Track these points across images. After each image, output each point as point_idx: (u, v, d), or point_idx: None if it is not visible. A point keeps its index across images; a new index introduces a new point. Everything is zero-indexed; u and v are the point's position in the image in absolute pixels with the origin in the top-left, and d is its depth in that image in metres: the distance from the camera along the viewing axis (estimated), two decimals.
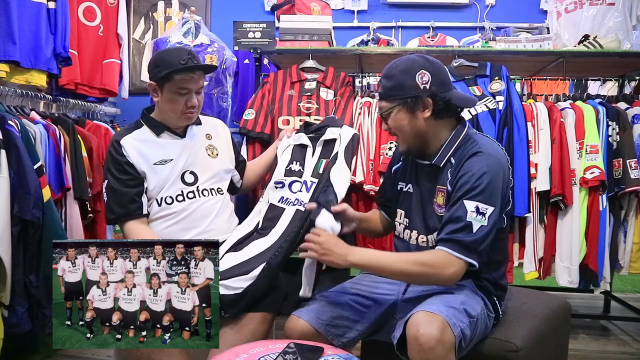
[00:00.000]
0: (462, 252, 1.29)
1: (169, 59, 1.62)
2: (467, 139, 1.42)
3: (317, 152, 1.89)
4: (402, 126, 1.41)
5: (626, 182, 2.17)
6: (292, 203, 1.74)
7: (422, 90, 1.37)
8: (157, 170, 1.66)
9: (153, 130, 1.71)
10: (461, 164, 1.36)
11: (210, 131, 1.82)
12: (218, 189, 1.76)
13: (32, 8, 2.28)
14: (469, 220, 1.29)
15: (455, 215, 1.31)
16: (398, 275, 1.38)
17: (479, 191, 1.30)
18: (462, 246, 1.29)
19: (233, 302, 1.49)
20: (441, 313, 1.21)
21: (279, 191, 1.80)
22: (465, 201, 1.31)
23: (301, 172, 1.84)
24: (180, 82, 1.62)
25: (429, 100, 1.38)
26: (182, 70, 1.60)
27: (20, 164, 1.84)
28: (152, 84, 1.66)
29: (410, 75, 1.37)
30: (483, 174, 1.31)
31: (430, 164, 1.43)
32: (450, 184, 1.37)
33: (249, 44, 2.77)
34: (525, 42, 2.54)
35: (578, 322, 2.68)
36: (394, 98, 1.40)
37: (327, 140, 1.90)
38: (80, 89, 2.78)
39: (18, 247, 1.84)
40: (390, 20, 4.31)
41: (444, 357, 1.17)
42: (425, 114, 1.39)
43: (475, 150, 1.36)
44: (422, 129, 1.41)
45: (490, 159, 1.35)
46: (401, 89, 1.38)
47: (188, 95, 1.64)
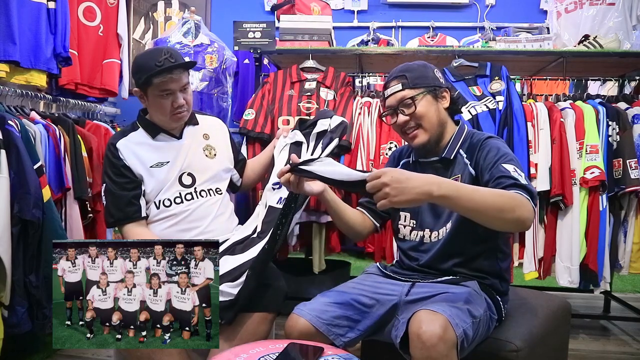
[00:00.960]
0: (532, 198, 1.24)
1: (145, 64, 1.58)
2: (471, 133, 1.51)
3: (311, 146, 1.87)
4: (428, 111, 1.47)
5: (626, 182, 2.17)
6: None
7: (441, 83, 1.50)
8: (154, 173, 1.66)
9: (149, 132, 1.70)
10: (477, 147, 1.43)
11: (208, 131, 1.81)
12: (217, 189, 1.75)
13: (32, 8, 2.28)
14: (515, 177, 1.28)
15: (502, 174, 1.29)
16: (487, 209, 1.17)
17: (510, 158, 1.35)
18: (528, 193, 1.24)
19: (227, 308, 1.49)
20: (444, 312, 1.21)
21: (276, 192, 1.78)
22: (504, 164, 1.32)
23: None
24: (161, 85, 1.59)
25: (447, 93, 1.50)
26: (159, 73, 1.56)
27: (20, 164, 1.84)
28: (137, 90, 1.65)
29: (430, 69, 1.50)
30: (501, 147, 1.39)
31: (440, 158, 1.49)
32: (472, 167, 1.43)
33: (249, 44, 2.78)
34: (525, 42, 2.54)
35: (578, 322, 2.68)
36: (420, 86, 1.47)
37: (319, 132, 1.87)
38: (80, 89, 2.78)
39: (18, 247, 1.84)
40: (390, 20, 4.31)
41: (446, 355, 1.18)
42: (444, 104, 1.49)
43: (487, 136, 1.46)
44: (443, 118, 1.49)
45: (502, 141, 1.45)
46: (426, 78, 1.48)
47: (172, 96, 1.62)
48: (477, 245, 1.44)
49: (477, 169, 1.41)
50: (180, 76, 1.61)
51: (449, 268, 1.46)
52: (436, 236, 1.47)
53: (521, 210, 1.20)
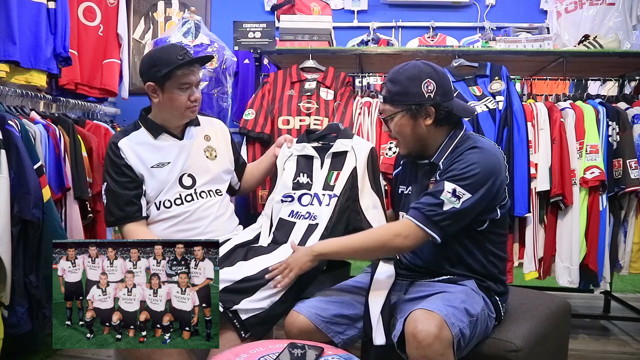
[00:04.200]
0: (423, 222, 1.35)
1: (165, 57, 1.61)
2: (464, 139, 1.47)
3: (326, 164, 1.75)
4: (403, 131, 1.46)
5: (626, 182, 2.17)
6: (303, 217, 1.68)
7: (427, 98, 1.42)
8: (155, 173, 1.65)
9: (151, 132, 1.70)
10: (456, 156, 1.41)
11: (209, 132, 1.81)
12: (217, 191, 1.75)
13: (32, 8, 2.28)
14: (442, 198, 1.35)
15: (431, 191, 1.38)
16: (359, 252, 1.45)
17: (462, 178, 1.36)
18: (425, 217, 1.35)
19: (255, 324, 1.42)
20: (439, 311, 1.22)
21: (288, 205, 1.72)
22: (446, 182, 1.36)
23: (310, 184, 1.73)
24: (182, 78, 1.62)
25: (432, 109, 1.43)
26: (183, 65, 1.60)
27: (20, 164, 1.83)
28: (151, 84, 1.64)
29: (416, 82, 1.41)
30: (472, 163, 1.37)
31: (429, 162, 1.48)
32: (439, 175, 1.42)
33: (249, 44, 2.77)
34: (525, 42, 2.54)
35: (578, 322, 2.68)
36: (398, 103, 1.44)
37: (336, 152, 1.75)
38: (80, 89, 2.79)
39: (18, 247, 1.84)
40: (390, 20, 4.30)
41: (442, 353, 1.18)
42: (427, 122, 1.44)
43: (471, 145, 1.42)
44: (422, 134, 1.46)
45: (485, 154, 1.39)
46: (406, 95, 1.42)
47: (190, 90, 1.65)
48: (465, 248, 1.45)
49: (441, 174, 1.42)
50: (198, 70, 1.67)
51: (444, 269, 1.47)
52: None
53: (393, 243, 1.38)
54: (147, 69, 1.63)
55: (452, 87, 1.52)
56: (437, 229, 1.35)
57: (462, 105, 1.50)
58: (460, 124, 1.51)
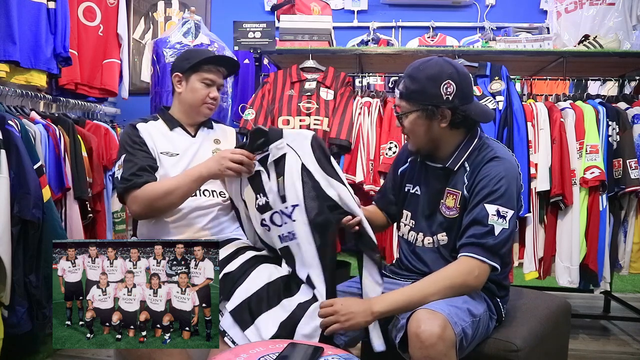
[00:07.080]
0: (485, 255, 1.30)
1: (198, 51, 1.77)
2: (481, 144, 1.43)
3: (272, 175, 1.55)
4: (416, 130, 1.42)
5: (626, 182, 2.17)
6: (288, 238, 1.51)
7: (445, 101, 1.36)
8: (163, 160, 1.68)
9: (167, 123, 1.76)
10: (478, 168, 1.37)
11: (220, 137, 1.84)
12: (220, 192, 1.75)
13: (32, 8, 2.28)
14: (490, 223, 1.31)
15: (477, 218, 1.32)
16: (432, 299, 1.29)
17: (499, 195, 1.32)
18: (486, 249, 1.30)
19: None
20: (442, 311, 1.21)
21: (271, 233, 1.57)
22: (486, 205, 1.32)
23: (268, 203, 1.54)
24: (207, 73, 1.70)
25: (449, 112, 1.38)
26: (211, 60, 1.70)
27: (20, 164, 1.84)
28: (178, 74, 1.73)
29: (436, 83, 1.36)
30: (501, 178, 1.33)
31: (444, 167, 1.44)
32: (467, 189, 1.38)
33: (249, 44, 2.78)
34: (525, 42, 2.54)
35: (578, 322, 2.68)
36: (415, 102, 1.39)
37: (276, 160, 1.55)
38: (80, 89, 2.79)
39: (18, 247, 1.84)
40: (390, 20, 4.31)
41: (445, 353, 1.18)
42: (442, 124, 1.39)
43: (492, 156, 1.38)
44: (435, 136, 1.42)
45: (507, 164, 1.37)
46: (423, 94, 1.37)
47: (211, 87, 1.73)
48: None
49: (470, 194, 1.38)
50: (222, 75, 1.76)
51: None
52: (429, 242, 1.47)
53: (466, 281, 1.30)
54: (179, 62, 1.74)
55: (473, 89, 1.44)
56: (497, 259, 1.31)
57: (480, 109, 1.43)
58: (476, 128, 1.46)
